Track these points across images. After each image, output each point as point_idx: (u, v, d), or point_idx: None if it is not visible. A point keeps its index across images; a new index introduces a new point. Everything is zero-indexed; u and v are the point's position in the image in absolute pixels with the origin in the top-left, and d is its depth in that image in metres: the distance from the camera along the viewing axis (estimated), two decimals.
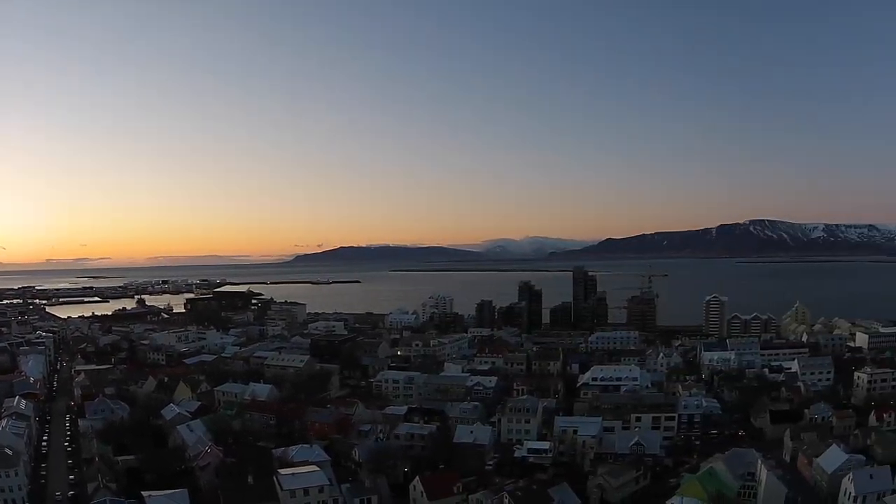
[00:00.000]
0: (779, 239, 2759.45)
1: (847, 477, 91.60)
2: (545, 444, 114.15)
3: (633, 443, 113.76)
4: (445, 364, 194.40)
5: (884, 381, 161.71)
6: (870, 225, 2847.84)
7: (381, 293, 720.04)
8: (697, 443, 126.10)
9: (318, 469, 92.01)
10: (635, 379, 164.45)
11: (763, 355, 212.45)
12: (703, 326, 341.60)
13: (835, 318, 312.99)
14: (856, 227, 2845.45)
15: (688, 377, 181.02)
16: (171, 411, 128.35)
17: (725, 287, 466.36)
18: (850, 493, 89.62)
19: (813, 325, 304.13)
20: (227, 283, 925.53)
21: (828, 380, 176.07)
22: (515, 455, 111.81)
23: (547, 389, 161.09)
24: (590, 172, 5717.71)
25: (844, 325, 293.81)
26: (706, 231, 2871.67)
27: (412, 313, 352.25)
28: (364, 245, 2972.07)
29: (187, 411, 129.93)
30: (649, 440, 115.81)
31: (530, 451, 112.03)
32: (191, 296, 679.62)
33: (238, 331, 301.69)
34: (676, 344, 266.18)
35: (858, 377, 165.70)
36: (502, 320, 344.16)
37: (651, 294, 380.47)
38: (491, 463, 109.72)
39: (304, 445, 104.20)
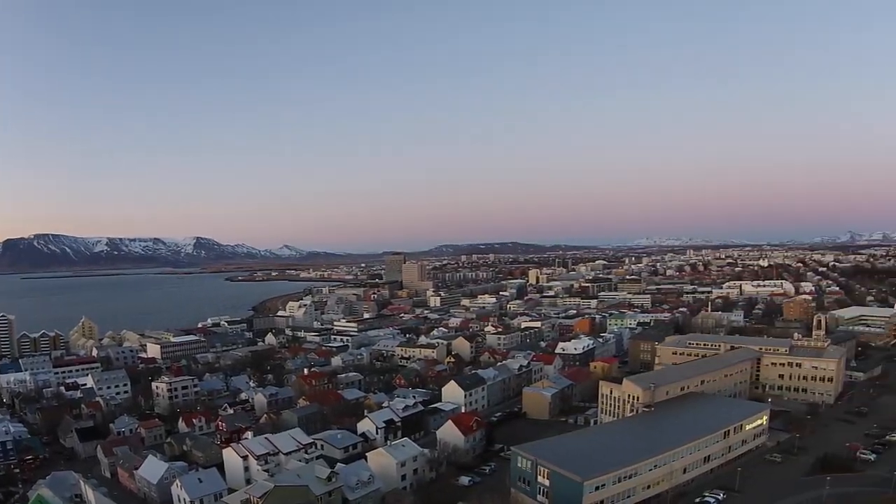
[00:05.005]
0: (62, 253, 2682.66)
1: (175, 484, 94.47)
2: None
3: None
4: None
5: (185, 388, 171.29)
6: (155, 238, 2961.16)
7: None
8: (17, 471, 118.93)
9: None
10: None
11: (57, 373, 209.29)
12: None
13: (123, 331, 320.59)
14: (141, 240, 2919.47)
15: None
16: None
17: (13, 304, 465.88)
18: (183, 499, 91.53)
19: (101, 339, 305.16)
20: None
21: (125, 392, 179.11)
22: None
23: None
24: None
25: (133, 337, 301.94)
26: None
27: None
28: None
29: None
30: None
31: None
32: None
33: None
34: None
35: (158, 387, 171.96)
36: None
37: None
38: None
39: None
